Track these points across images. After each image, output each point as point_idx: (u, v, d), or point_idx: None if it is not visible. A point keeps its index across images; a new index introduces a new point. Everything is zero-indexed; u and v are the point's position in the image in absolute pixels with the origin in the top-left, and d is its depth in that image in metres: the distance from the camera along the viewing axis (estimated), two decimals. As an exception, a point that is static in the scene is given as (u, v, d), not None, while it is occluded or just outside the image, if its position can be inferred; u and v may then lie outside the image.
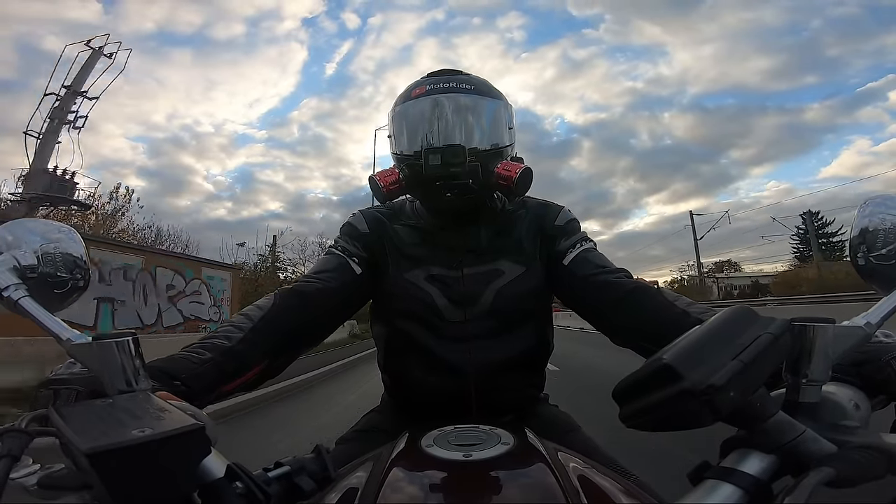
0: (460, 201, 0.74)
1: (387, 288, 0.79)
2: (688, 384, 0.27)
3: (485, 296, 0.76)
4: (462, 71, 0.81)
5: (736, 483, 0.31)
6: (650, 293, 0.70)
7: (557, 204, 0.85)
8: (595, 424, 1.05)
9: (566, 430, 0.79)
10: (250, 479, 0.29)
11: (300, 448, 0.74)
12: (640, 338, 0.68)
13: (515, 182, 0.72)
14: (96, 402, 0.31)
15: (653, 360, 0.30)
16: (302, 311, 0.70)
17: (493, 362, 0.75)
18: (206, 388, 0.55)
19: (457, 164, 0.71)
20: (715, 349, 0.29)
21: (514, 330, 0.77)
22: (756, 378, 0.29)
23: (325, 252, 0.82)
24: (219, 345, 0.59)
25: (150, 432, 0.26)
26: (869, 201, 0.47)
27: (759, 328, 0.31)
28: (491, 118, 0.78)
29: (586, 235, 0.81)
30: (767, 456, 0.32)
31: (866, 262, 0.44)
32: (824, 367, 0.34)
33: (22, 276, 0.46)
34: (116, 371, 0.39)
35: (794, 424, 0.32)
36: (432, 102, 0.75)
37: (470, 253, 0.78)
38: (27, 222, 0.53)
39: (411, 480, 0.46)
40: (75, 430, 0.26)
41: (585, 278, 0.75)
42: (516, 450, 0.49)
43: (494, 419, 0.59)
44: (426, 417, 0.64)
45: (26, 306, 0.44)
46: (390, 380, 0.85)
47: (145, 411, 0.30)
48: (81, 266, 0.51)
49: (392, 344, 0.81)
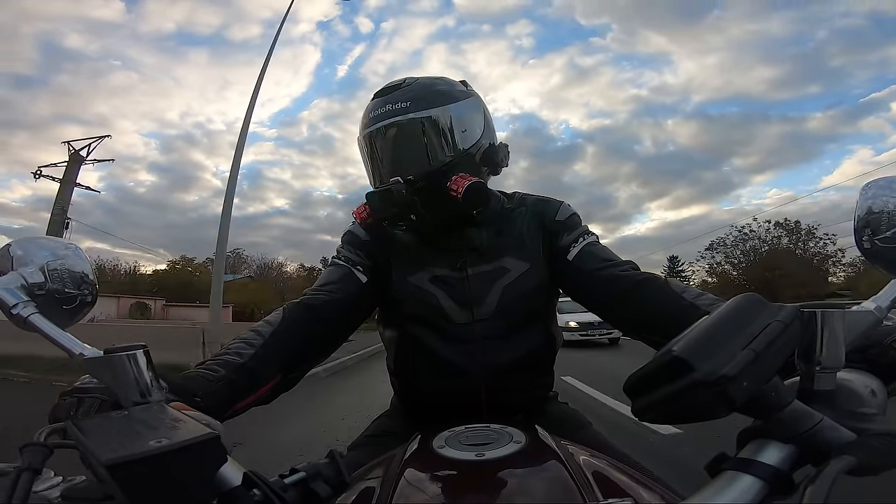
0: (438, 219, 0.74)
1: (392, 293, 0.79)
2: (699, 375, 0.27)
3: (491, 295, 0.76)
4: (403, 82, 0.76)
5: (756, 474, 0.30)
6: (658, 285, 0.69)
7: (556, 199, 0.84)
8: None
9: (577, 427, 0.79)
10: (267, 486, 0.29)
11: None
12: (649, 331, 0.68)
13: (461, 198, 0.69)
14: (112, 414, 0.31)
15: (663, 352, 0.30)
16: (312, 324, 0.70)
17: (501, 363, 0.75)
18: (220, 405, 0.54)
19: (396, 203, 0.71)
20: (725, 339, 0.29)
21: (521, 329, 0.76)
22: (769, 367, 0.29)
23: (328, 263, 0.82)
24: (232, 362, 0.59)
25: (166, 442, 0.26)
26: (871, 184, 0.46)
27: (769, 316, 0.30)
28: (434, 133, 0.73)
29: (588, 229, 0.80)
30: (786, 445, 0.32)
31: (872, 245, 0.44)
32: (837, 354, 0.33)
33: (30, 294, 0.46)
34: (130, 383, 0.39)
35: (810, 413, 0.31)
36: (375, 134, 0.75)
37: (473, 252, 0.78)
38: (32, 240, 0.53)
39: (425, 482, 0.46)
40: (94, 441, 0.26)
41: (591, 273, 0.74)
42: (529, 448, 0.48)
43: (505, 419, 0.59)
44: (436, 420, 0.63)
45: (36, 323, 0.44)
46: (399, 383, 0.85)
47: (161, 422, 0.30)
48: (88, 281, 0.52)
49: (400, 348, 0.81)
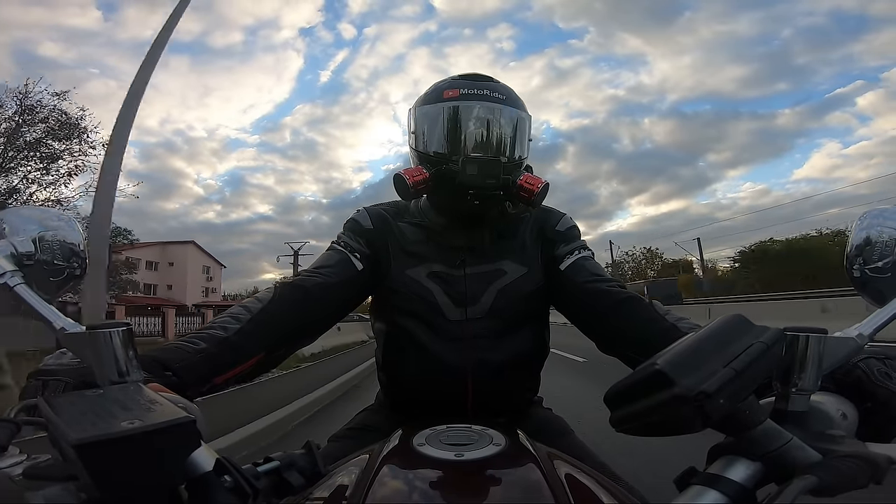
0: (482, 207, 0.76)
1: (388, 284, 0.79)
2: (679, 390, 0.28)
3: (485, 295, 0.76)
4: (492, 77, 0.81)
5: (721, 489, 0.31)
6: (641, 305, 0.71)
7: (559, 210, 0.87)
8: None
9: (559, 434, 0.79)
10: (239, 472, 0.29)
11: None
12: (627, 347, 0.70)
13: (536, 196, 0.74)
14: (87, 393, 0.31)
15: (646, 365, 0.30)
16: (301, 305, 0.70)
17: (490, 363, 0.75)
18: (198, 379, 0.54)
19: (493, 176, 0.73)
20: (708, 356, 0.29)
21: (512, 331, 0.77)
22: (746, 386, 0.30)
23: (327, 247, 0.82)
24: (215, 335, 0.59)
25: (139, 424, 0.26)
26: (867, 214, 0.47)
27: (752, 337, 0.31)
28: (518, 130, 0.79)
29: (585, 244, 0.82)
30: (753, 463, 0.32)
31: (861, 274, 0.44)
32: (814, 377, 0.34)
33: (19, 263, 0.46)
34: (109, 361, 0.39)
35: (780, 432, 0.32)
36: (468, 108, 0.76)
37: (472, 252, 0.79)
38: (25, 209, 0.53)
39: (401, 478, 0.46)
40: (65, 420, 0.26)
41: (579, 285, 0.76)
42: (507, 451, 0.49)
43: (488, 420, 0.59)
44: (420, 417, 0.64)
45: (22, 293, 0.44)
46: (387, 377, 0.85)
47: (136, 403, 0.29)
48: (78, 254, 0.51)
49: (391, 341, 0.81)
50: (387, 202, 0.87)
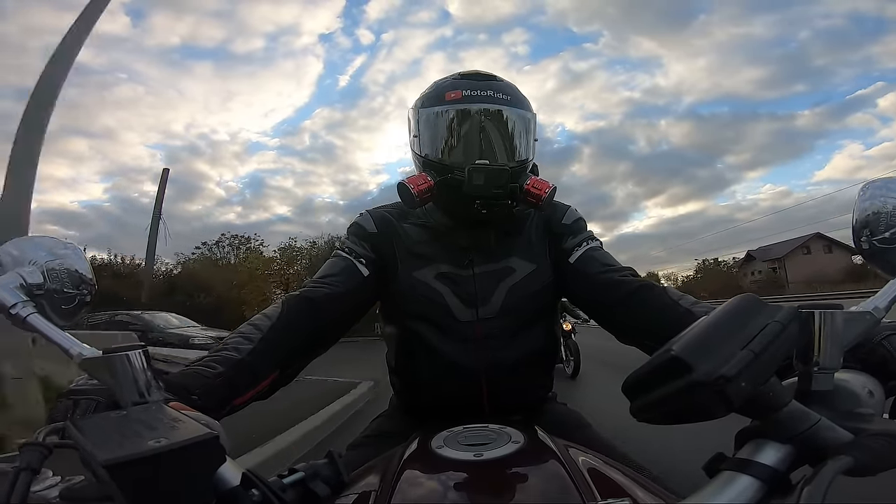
0: (489, 215, 0.74)
1: (396, 287, 0.78)
2: (698, 375, 0.27)
3: (496, 294, 0.76)
4: (495, 76, 0.78)
5: (753, 474, 0.30)
6: (655, 292, 0.69)
7: (564, 203, 0.85)
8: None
9: (577, 428, 0.78)
10: (266, 486, 0.29)
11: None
12: (644, 336, 0.69)
13: (544, 201, 0.73)
14: (111, 414, 0.31)
15: (661, 352, 0.30)
16: (311, 317, 0.69)
17: (503, 363, 0.75)
18: (219, 403, 0.54)
19: (500, 185, 0.71)
20: (723, 340, 0.29)
21: (524, 329, 0.77)
22: (767, 367, 0.29)
23: (331, 255, 0.81)
24: (230, 358, 0.58)
25: (165, 442, 0.26)
26: (869, 185, 0.46)
27: (767, 317, 0.30)
28: (524, 132, 0.77)
29: (592, 234, 0.81)
30: (783, 446, 0.32)
31: (870, 246, 0.44)
32: (835, 355, 0.34)
33: (29, 293, 0.47)
34: (128, 383, 0.39)
35: (808, 413, 0.31)
36: (470, 113, 0.74)
37: (480, 251, 0.78)
38: (32, 239, 0.53)
39: (423, 482, 0.46)
40: (93, 441, 0.26)
41: (591, 276, 0.75)
42: (527, 448, 0.48)
43: (504, 419, 0.59)
44: (435, 420, 0.63)
45: (35, 323, 0.44)
46: (400, 382, 0.85)
47: (160, 422, 0.30)
48: (87, 281, 0.52)
49: (402, 345, 0.81)
50: (389, 203, 0.86)
